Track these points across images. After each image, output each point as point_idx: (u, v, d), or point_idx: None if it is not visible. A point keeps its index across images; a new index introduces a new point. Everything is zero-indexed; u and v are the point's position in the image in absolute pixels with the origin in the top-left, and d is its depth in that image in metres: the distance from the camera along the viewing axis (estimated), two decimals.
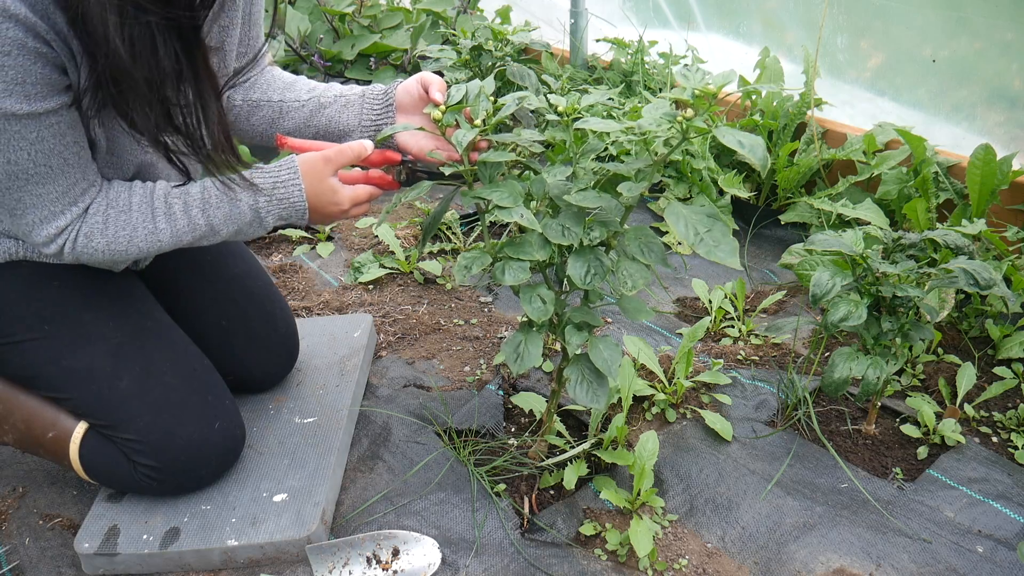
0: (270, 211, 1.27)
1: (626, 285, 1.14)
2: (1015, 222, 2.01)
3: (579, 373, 1.22)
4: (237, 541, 1.31)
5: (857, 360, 1.38)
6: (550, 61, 3.20)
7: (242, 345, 1.58)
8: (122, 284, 1.39)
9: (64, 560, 1.36)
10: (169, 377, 1.35)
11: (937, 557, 1.29)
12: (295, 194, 1.27)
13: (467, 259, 1.22)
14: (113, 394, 1.31)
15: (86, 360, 1.31)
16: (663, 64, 2.87)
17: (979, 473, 1.45)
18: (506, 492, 1.44)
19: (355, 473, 1.51)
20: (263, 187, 1.25)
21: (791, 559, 1.30)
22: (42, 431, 1.37)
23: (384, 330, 1.94)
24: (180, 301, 1.53)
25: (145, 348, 1.35)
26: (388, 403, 1.68)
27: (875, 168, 2.18)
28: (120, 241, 1.20)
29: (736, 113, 2.65)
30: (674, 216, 1.08)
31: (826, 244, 1.40)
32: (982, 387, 1.68)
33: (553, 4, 3.46)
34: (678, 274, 2.22)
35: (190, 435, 1.34)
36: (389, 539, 1.33)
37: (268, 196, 1.26)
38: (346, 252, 2.34)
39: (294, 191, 1.27)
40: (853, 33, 2.50)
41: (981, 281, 1.30)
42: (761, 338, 1.87)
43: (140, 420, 1.31)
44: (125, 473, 1.35)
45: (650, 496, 1.39)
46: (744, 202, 2.49)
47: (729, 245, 1.05)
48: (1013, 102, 2.19)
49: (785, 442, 1.55)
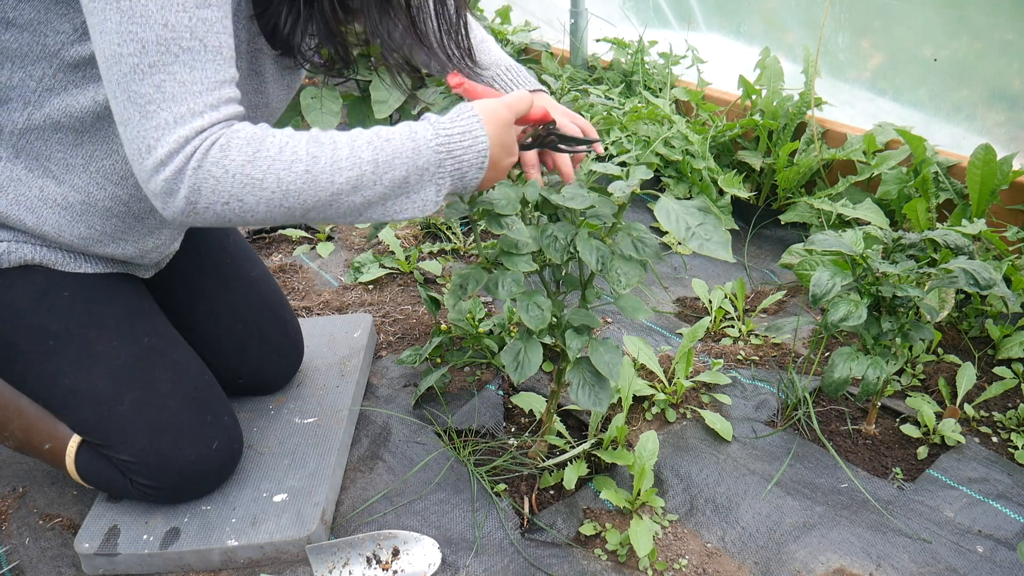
0: (451, 155, 1.05)
1: (619, 283, 1.13)
2: (1015, 222, 2.01)
3: (580, 377, 1.22)
4: (237, 541, 1.31)
5: (857, 360, 1.38)
6: (550, 61, 3.20)
7: (255, 350, 1.57)
8: (130, 298, 1.35)
9: (64, 560, 1.36)
10: (169, 400, 1.32)
11: (937, 557, 1.29)
12: (480, 141, 1.06)
13: (461, 278, 1.20)
14: (112, 417, 1.28)
15: (88, 382, 1.27)
16: (663, 64, 2.87)
17: (979, 473, 1.45)
18: (506, 492, 1.44)
19: (355, 473, 1.51)
20: (444, 128, 1.06)
21: (791, 559, 1.30)
22: (39, 442, 1.37)
23: (384, 330, 1.94)
24: (199, 304, 1.52)
25: (147, 370, 1.31)
26: (388, 403, 1.68)
27: (875, 168, 2.18)
28: (260, 163, 0.96)
29: (736, 113, 2.65)
30: (663, 212, 1.07)
31: (826, 244, 1.40)
32: (982, 387, 1.68)
33: (553, 4, 3.46)
34: (678, 274, 2.22)
35: (187, 457, 1.32)
36: (389, 539, 1.33)
37: (449, 135, 1.05)
38: (346, 252, 2.34)
39: (479, 138, 1.06)
40: (854, 32, 2.50)
41: (981, 281, 1.30)
42: (761, 338, 1.87)
43: (137, 443, 1.29)
44: (122, 485, 1.34)
45: (650, 496, 1.39)
46: (744, 202, 2.49)
47: (721, 237, 1.04)
48: (1013, 102, 2.19)
49: (785, 442, 1.55)
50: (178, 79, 0.93)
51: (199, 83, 0.94)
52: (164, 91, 0.92)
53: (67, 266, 1.26)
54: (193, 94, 0.94)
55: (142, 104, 0.92)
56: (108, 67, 0.93)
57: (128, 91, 0.92)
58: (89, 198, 1.17)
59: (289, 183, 0.97)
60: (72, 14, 1.03)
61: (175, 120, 0.93)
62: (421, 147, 1.03)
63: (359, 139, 1.02)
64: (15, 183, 1.15)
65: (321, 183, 0.99)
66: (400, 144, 1.02)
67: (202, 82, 0.94)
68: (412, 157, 1.03)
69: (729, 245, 1.04)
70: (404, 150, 1.02)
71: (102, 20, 0.91)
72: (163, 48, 0.91)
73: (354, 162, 1.00)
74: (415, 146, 1.03)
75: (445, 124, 1.06)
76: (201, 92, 0.94)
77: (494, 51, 1.38)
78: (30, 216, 1.17)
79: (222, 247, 1.57)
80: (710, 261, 2.26)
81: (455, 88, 1.18)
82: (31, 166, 1.15)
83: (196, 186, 0.94)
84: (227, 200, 0.96)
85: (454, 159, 1.05)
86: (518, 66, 1.35)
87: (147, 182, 0.96)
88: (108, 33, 0.91)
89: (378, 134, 1.03)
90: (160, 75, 0.92)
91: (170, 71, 0.92)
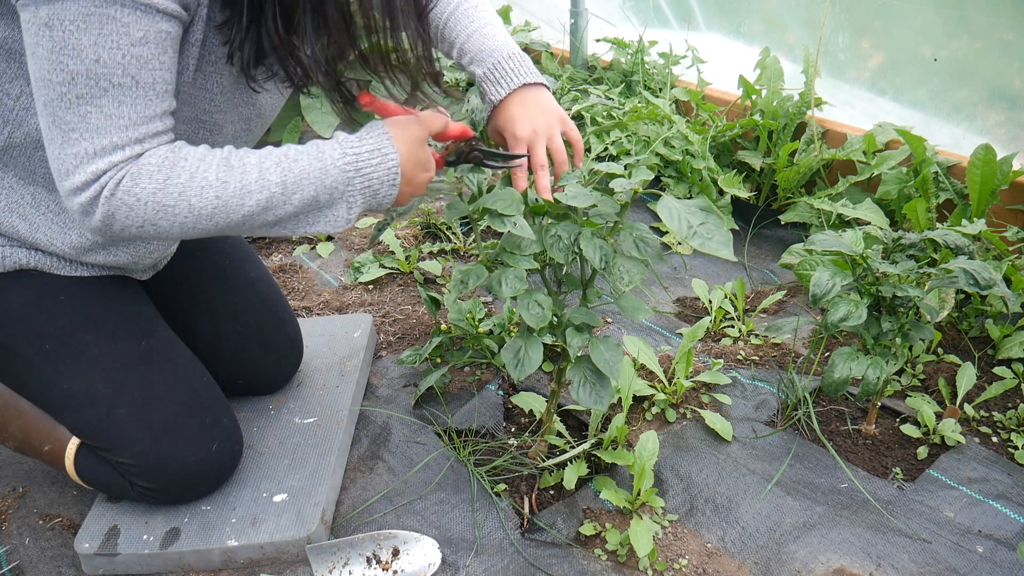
0: (360, 173, 1.06)
1: (622, 280, 1.14)
2: (1015, 222, 2.01)
3: (581, 375, 1.22)
4: (237, 541, 1.31)
5: (857, 360, 1.38)
6: (550, 61, 3.20)
7: (256, 351, 1.57)
8: (127, 300, 1.35)
9: (64, 560, 1.36)
10: (168, 402, 1.31)
11: (937, 557, 1.29)
12: (390, 159, 1.07)
13: (463, 273, 1.21)
14: (111, 420, 1.28)
15: (85, 384, 1.27)
16: (663, 64, 2.87)
17: (979, 473, 1.45)
18: (506, 492, 1.44)
19: (355, 473, 1.51)
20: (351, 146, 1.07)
21: (791, 559, 1.30)
22: (39, 443, 1.37)
23: (384, 330, 1.94)
24: (198, 305, 1.52)
25: (145, 372, 1.31)
26: (388, 403, 1.68)
27: (875, 168, 2.18)
28: (171, 191, 0.98)
29: (736, 113, 2.65)
30: (666, 210, 1.08)
31: (826, 244, 1.40)
32: (982, 387, 1.68)
33: (553, 4, 3.46)
34: (678, 274, 2.22)
35: (186, 459, 1.32)
36: (389, 539, 1.33)
37: (356, 153, 1.06)
38: (346, 252, 2.34)
39: (389, 155, 1.07)
40: (854, 32, 2.50)
41: (981, 281, 1.30)
42: (761, 338, 1.87)
43: (136, 446, 1.29)
44: (122, 486, 1.34)
45: (650, 496, 1.39)
46: (744, 202, 2.49)
47: (722, 236, 1.05)
48: (1013, 102, 2.19)
49: (785, 442, 1.55)
50: (105, 112, 0.94)
51: (125, 117, 0.95)
52: (88, 122, 0.94)
53: (63, 269, 1.26)
54: (119, 128, 0.95)
55: (65, 131, 0.94)
56: (37, 87, 0.94)
57: (53, 115, 0.94)
58: None
59: (200, 208, 1.00)
60: None
61: (95, 152, 0.95)
62: (328, 167, 1.04)
63: (267, 161, 1.03)
64: (7, 190, 1.17)
65: (231, 207, 1.01)
66: (307, 164, 1.04)
67: (129, 116, 0.95)
68: (320, 177, 1.04)
69: (731, 244, 1.04)
70: (311, 170, 1.04)
71: (35, 44, 0.92)
72: (92, 82, 0.92)
73: (263, 185, 1.02)
74: (322, 166, 1.04)
75: (353, 142, 1.07)
76: (127, 127, 0.95)
77: (497, 36, 1.30)
78: (23, 223, 1.18)
79: (221, 248, 1.57)
80: (710, 261, 2.26)
81: (366, 106, 1.17)
82: (21, 175, 1.16)
83: (111, 212, 0.98)
84: (141, 224, 1.00)
85: (363, 177, 1.06)
86: (522, 55, 1.30)
87: (66, 199, 0.99)
88: (39, 58, 0.92)
89: (287, 155, 1.04)
90: (86, 107, 0.93)
91: (97, 104, 0.93)
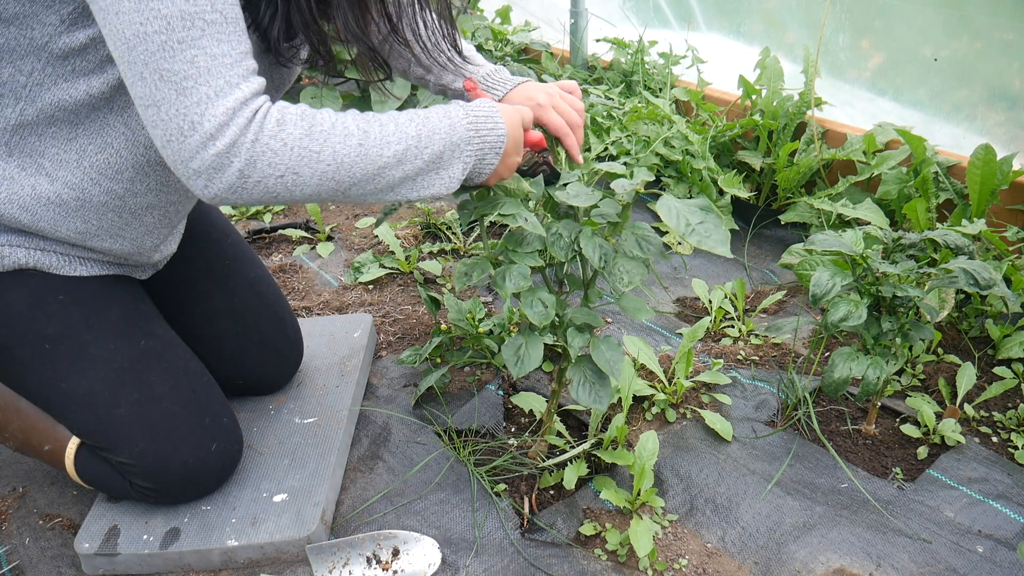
0: (479, 134, 1.12)
1: (623, 280, 1.14)
2: (1015, 222, 2.01)
3: (581, 374, 1.22)
4: (237, 541, 1.31)
5: (857, 360, 1.38)
6: (550, 61, 3.20)
7: (255, 351, 1.57)
8: (127, 300, 1.34)
9: (64, 560, 1.36)
10: (167, 402, 1.31)
11: (937, 557, 1.29)
12: (500, 126, 1.14)
13: (467, 266, 1.22)
14: (110, 420, 1.28)
15: (84, 385, 1.27)
16: (663, 64, 2.87)
17: (979, 473, 1.45)
18: (506, 492, 1.44)
19: (355, 473, 1.51)
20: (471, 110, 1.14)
21: (791, 559, 1.30)
22: (39, 443, 1.37)
23: (384, 330, 1.94)
24: (198, 305, 1.51)
25: (145, 372, 1.31)
26: (388, 403, 1.68)
27: (875, 168, 2.18)
28: (317, 136, 0.98)
29: (736, 113, 2.65)
30: (665, 208, 1.08)
31: (826, 244, 1.40)
32: (982, 387, 1.68)
33: (553, 4, 3.47)
34: (678, 274, 2.22)
35: (186, 459, 1.32)
36: (389, 539, 1.33)
37: (476, 116, 1.12)
38: (346, 252, 2.34)
39: (500, 124, 1.14)
40: (854, 32, 2.50)
41: (981, 281, 1.30)
42: (761, 338, 1.87)
43: (136, 446, 1.29)
44: (121, 486, 1.34)
45: (650, 496, 1.39)
46: (744, 202, 2.49)
47: (720, 234, 1.05)
48: (1013, 102, 2.19)
49: (785, 442, 1.55)
50: (209, 53, 0.92)
51: (228, 55, 0.93)
52: (198, 65, 0.91)
53: (62, 269, 1.25)
54: (226, 66, 0.93)
55: (177, 81, 0.91)
56: (131, 48, 0.91)
57: (159, 70, 0.91)
58: (84, 195, 1.17)
59: (344, 155, 1.01)
60: (58, 5, 1.02)
61: (216, 93, 0.92)
62: (455, 124, 1.10)
63: (401, 116, 1.07)
64: (8, 181, 1.15)
65: (371, 156, 1.03)
66: (438, 121, 1.09)
67: (230, 54, 0.94)
68: (449, 133, 1.09)
69: (728, 242, 1.05)
70: (442, 126, 1.09)
71: (116, 1, 0.90)
72: (188, 23, 0.90)
73: (400, 136, 1.05)
74: (451, 123, 1.10)
75: (472, 107, 1.14)
76: (232, 64, 0.94)
77: (476, 59, 1.44)
78: (24, 214, 1.17)
79: (220, 248, 1.57)
80: (710, 261, 2.26)
81: (469, 92, 1.29)
82: (24, 164, 1.14)
83: (252, 159, 0.94)
84: (282, 173, 0.97)
85: (480, 138, 1.12)
86: (499, 67, 1.42)
87: (190, 160, 0.94)
88: (126, 13, 0.90)
89: (417, 112, 1.09)
90: (191, 50, 0.91)
91: (200, 45, 0.91)
